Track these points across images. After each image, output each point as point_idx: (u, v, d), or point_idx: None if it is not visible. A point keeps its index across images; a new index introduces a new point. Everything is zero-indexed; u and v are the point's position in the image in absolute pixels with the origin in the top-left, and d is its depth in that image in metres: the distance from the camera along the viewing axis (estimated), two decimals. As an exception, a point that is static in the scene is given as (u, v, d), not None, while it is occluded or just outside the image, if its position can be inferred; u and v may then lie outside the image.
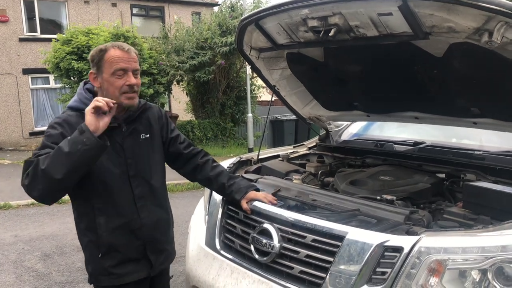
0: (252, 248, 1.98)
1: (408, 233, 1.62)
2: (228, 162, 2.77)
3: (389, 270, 1.56)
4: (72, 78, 10.64)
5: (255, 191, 2.11)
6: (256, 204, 2.06)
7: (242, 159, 2.81)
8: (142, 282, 1.90)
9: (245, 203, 2.06)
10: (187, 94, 13.02)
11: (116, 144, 1.78)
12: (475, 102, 2.25)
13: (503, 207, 1.78)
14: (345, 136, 3.37)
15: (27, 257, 4.35)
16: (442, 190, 2.33)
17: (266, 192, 2.14)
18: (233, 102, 12.80)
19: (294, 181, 2.50)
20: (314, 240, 1.77)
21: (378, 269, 1.59)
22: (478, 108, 2.26)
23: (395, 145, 2.91)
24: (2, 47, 13.17)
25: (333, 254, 1.70)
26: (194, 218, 2.64)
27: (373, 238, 1.62)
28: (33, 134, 13.77)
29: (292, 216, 1.90)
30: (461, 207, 1.98)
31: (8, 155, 11.76)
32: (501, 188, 1.89)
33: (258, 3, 11.19)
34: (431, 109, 2.50)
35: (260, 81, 12.00)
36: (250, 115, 11.00)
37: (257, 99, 13.75)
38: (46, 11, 14.11)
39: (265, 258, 1.91)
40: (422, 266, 1.51)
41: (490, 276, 1.45)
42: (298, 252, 1.81)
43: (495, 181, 2.16)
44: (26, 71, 13.54)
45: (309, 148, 3.28)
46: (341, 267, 1.66)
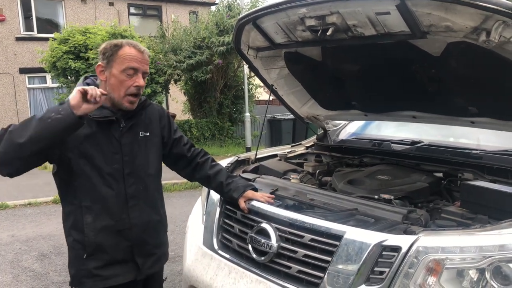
0: (250, 247, 1.97)
1: (406, 232, 1.62)
2: (226, 162, 2.76)
3: (387, 270, 1.56)
4: (69, 77, 10.61)
5: (253, 190, 2.10)
6: (254, 203, 2.05)
7: (240, 159, 2.81)
8: (128, 286, 1.82)
9: (243, 202, 2.06)
10: (184, 94, 13.00)
11: (113, 140, 1.74)
12: (473, 101, 2.25)
13: (500, 206, 1.78)
14: (343, 136, 3.37)
15: (24, 257, 4.33)
16: (440, 189, 2.33)
17: (264, 192, 2.14)
18: (230, 102, 12.80)
19: (292, 180, 2.49)
20: (312, 240, 1.77)
21: (376, 269, 1.59)
22: (475, 107, 2.27)
23: (393, 145, 2.91)
24: (-1, 46, 13.13)
25: (331, 253, 1.70)
26: (192, 218, 2.63)
27: (371, 237, 1.62)
28: (30, 133, 13.71)
29: (290, 216, 1.90)
30: (458, 207, 1.98)
31: (5, 155, 11.70)
32: (499, 187, 1.89)
33: (255, 2, 11.19)
34: (428, 108, 2.50)
35: (258, 81, 12.01)
36: (247, 114, 11.01)
37: (255, 99, 13.75)
38: (43, 10, 14.07)
39: (263, 258, 1.90)
40: (420, 265, 1.51)
41: (488, 275, 1.45)
42: (296, 252, 1.81)
43: (492, 180, 2.16)
44: (23, 71, 13.50)
45: (307, 148, 3.28)
46: (339, 266, 1.66)
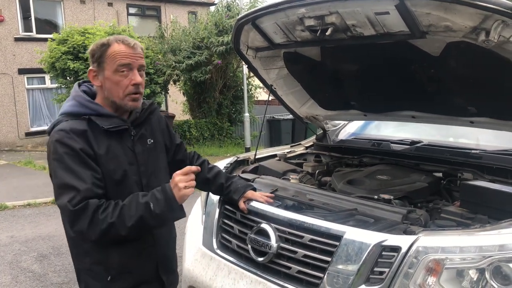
0: (250, 248, 1.97)
1: (406, 232, 1.62)
2: (225, 162, 2.76)
3: (387, 270, 1.56)
4: (68, 78, 10.59)
5: (252, 190, 2.10)
6: (253, 204, 2.05)
7: (239, 159, 2.81)
8: None
9: (242, 203, 2.05)
10: (183, 94, 13.00)
11: (127, 150, 1.60)
12: (472, 101, 2.25)
13: (500, 206, 1.78)
14: (342, 136, 3.37)
15: (23, 258, 4.32)
16: (440, 189, 2.33)
17: (263, 192, 2.13)
18: (230, 102, 12.80)
19: (291, 180, 2.49)
20: (312, 240, 1.77)
21: (376, 269, 1.59)
22: (475, 107, 2.27)
23: (392, 144, 2.91)
24: (-2, 47, 13.11)
25: (330, 254, 1.69)
26: (191, 218, 2.63)
27: (370, 237, 1.62)
28: (29, 134, 13.71)
29: (289, 216, 1.89)
30: (458, 206, 1.98)
31: (4, 156, 11.69)
32: (498, 187, 1.89)
33: (254, 2, 11.18)
34: (428, 108, 2.50)
35: (257, 81, 12.01)
36: (247, 114, 11.00)
37: (254, 99, 13.74)
38: (41, 11, 14.05)
39: (262, 258, 1.90)
40: (420, 265, 1.51)
41: (487, 275, 1.45)
42: (295, 252, 1.81)
43: (492, 180, 2.16)
44: (22, 71, 13.47)
45: (306, 148, 3.28)
46: (339, 266, 1.65)
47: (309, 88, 2.95)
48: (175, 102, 13.58)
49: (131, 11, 16.04)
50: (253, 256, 1.95)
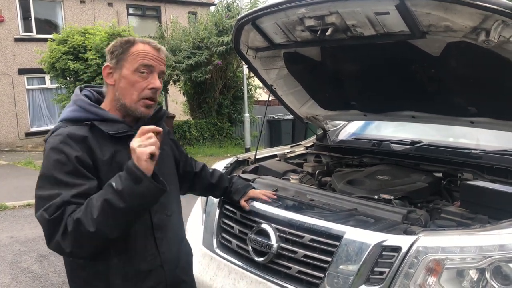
0: (250, 248, 1.97)
1: (406, 232, 1.62)
2: (225, 162, 2.76)
3: (387, 270, 1.56)
4: (68, 78, 10.59)
5: (252, 189, 2.10)
6: (254, 204, 2.05)
7: (239, 159, 2.81)
8: None
9: (243, 201, 2.05)
10: (183, 94, 12.99)
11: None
12: (472, 101, 2.25)
13: (500, 206, 1.78)
14: (342, 136, 3.37)
15: (23, 258, 4.32)
16: (440, 189, 2.33)
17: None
18: (230, 102, 12.80)
19: (292, 181, 2.49)
20: (312, 240, 1.77)
21: (376, 269, 1.59)
22: (475, 107, 2.27)
23: (392, 145, 2.91)
24: (-2, 47, 13.11)
25: (331, 254, 1.69)
26: (191, 218, 2.63)
27: (371, 237, 1.62)
28: (29, 134, 13.71)
29: (289, 216, 1.89)
30: (458, 206, 1.98)
31: (4, 156, 11.69)
32: (498, 187, 1.89)
33: (255, 2, 11.18)
34: (428, 108, 2.50)
35: (257, 82, 12.01)
36: (247, 114, 11.00)
37: (254, 99, 13.74)
38: (41, 11, 14.05)
39: (262, 259, 1.90)
40: (420, 265, 1.51)
41: (488, 275, 1.45)
42: (296, 252, 1.81)
43: (492, 180, 2.16)
44: (22, 71, 13.47)
45: (306, 148, 3.28)
46: (339, 267, 1.65)
47: (309, 88, 2.95)
48: (175, 103, 13.57)
49: (131, 11, 16.04)
50: (253, 256, 1.95)
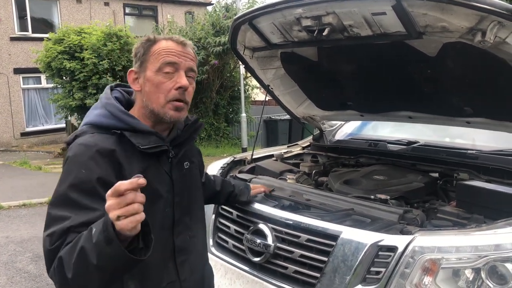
0: (246, 248, 1.97)
1: (402, 232, 1.62)
2: (221, 162, 2.75)
3: (383, 270, 1.56)
4: (64, 77, 10.55)
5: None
6: (250, 204, 2.05)
7: (236, 159, 2.80)
8: None
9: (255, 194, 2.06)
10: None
11: (164, 175, 1.29)
12: (469, 102, 2.26)
13: (496, 206, 1.79)
14: (339, 136, 3.38)
15: (18, 258, 4.30)
16: (436, 189, 2.34)
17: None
18: (226, 102, 12.79)
19: (288, 181, 2.49)
20: (309, 240, 1.77)
21: (372, 269, 1.59)
22: (471, 108, 2.27)
23: (389, 145, 2.91)
24: (-7, 46, 13.05)
25: (327, 253, 1.69)
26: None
27: (367, 237, 1.62)
28: (25, 134, 13.65)
29: (286, 216, 1.89)
30: (454, 206, 1.99)
31: (-1, 156, 11.64)
32: (494, 187, 1.90)
33: (252, 3, 11.19)
34: (424, 108, 2.51)
35: (254, 82, 11.98)
36: (244, 115, 10.99)
37: (251, 99, 13.74)
38: (37, 10, 13.99)
39: (259, 258, 1.90)
40: (416, 265, 1.51)
41: (483, 275, 1.45)
42: (292, 252, 1.81)
43: (488, 180, 2.17)
44: (17, 71, 13.41)
45: (303, 148, 3.28)
46: (336, 266, 1.66)
47: (306, 88, 2.96)
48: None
49: (128, 10, 16.01)
50: (250, 256, 1.94)
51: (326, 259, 1.69)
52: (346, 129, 3.45)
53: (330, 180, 2.45)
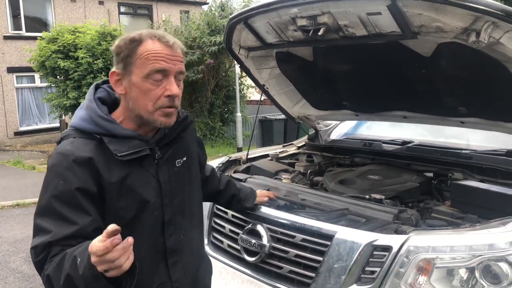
0: (241, 248, 1.96)
1: (397, 232, 1.62)
2: (217, 162, 2.75)
3: (378, 269, 1.56)
4: (58, 76, 10.49)
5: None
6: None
7: (231, 159, 2.80)
8: None
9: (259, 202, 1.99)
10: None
11: (149, 178, 1.24)
12: (463, 102, 2.27)
13: (490, 205, 1.80)
14: (334, 136, 3.38)
15: (12, 259, 4.27)
16: (430, 189, 2.35)
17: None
18: (222, 102, 12.77)
19: (283, 180, 2.49)
20: (304, 240, 1.77)
21: (367, 268, 1.59)
22: (465, 108, 2.29)
23: (384, 144, 2.92)
24: (-14, 45, 12.93)
25: (322, 253, 1.70)
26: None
27: (362, 237, 1.63)
28: (18, 133, 13.54)
29: (281, 216, 1.89)
30: (449, 206, 2.00)
31: (-7, 155, 11.54)
32: (488, 187, 1.91)
33: (248, 2, 11.18)
34: (419, 108, 2.52)
35: (249, 81, 11.98)
36: (239, 114, 10.98)
37: (246, 99, 13.73)
38: (31, 9, 13.88)
39: (254, 258, 1.89)
40: (410, 265, 1.52)
41: (477, 274, 1.46)
42: (287, 252, 1.81)
43: (482, 180, 2.18)
44: (11, 70, 13.30)
45: (298, 148, 3.28)
46: (331, 266, 1.66)
47: (301, 88, 2.96)
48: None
49: (123, 10, 15.92)
50: (245, 256, 1.94)
51: (321, 259, 1.69)
52: (341, 128, 3.46)
53: (325, 180, 2.45)
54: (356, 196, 2.09)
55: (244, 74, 11.10)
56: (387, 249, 1.56)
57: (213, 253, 2.14)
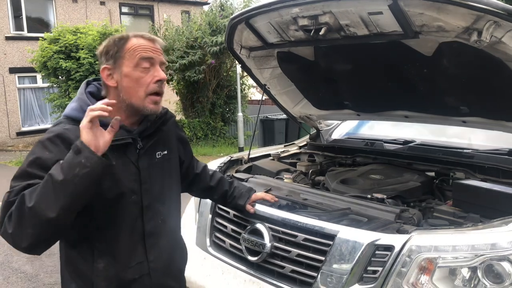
0: (243, 247, 1.97)
1: (399, 231, 1.62)
2: (218, 162, 2.75)
3: (380, 269, 1.56)
4: (60, 77, 10.51)
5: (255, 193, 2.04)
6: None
7: (232, 159, 2.80)
8: None
9: (250, 207, 1.97)
10: (176, 94, 12.94)
11: (130, 165, 1.38)
12: (464, 101, 2.27)
13: (492, 204, 1.79)
14: (335, 135, 3.38)
15: (14, 259, 4.28)
16: (432, 188, 2.34)
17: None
18: (223, 102, 12.77)
19: (285, 180, 2.49)
20: (306, 239, 1.77)
21: (369, 268, 1.59)
22: (467, 107, 2.28)
23: (385, 144, 2.92)
24: (-12, 46, 12.96)
25: (324, 253, 1.70)
26: (185, 218, 2.62)
27: (364, 237, 1.63)
28: (20, 134, 13.57)
29: (283, 216, 1.89)
30: (450, 205, 2.00)
31: (-5, 156, 11.57)
32: (490, 186, 1.91)
33: (248, 2, 11.17)
34: (420, 108, 2.52)
35: (250, 81, 12.00)
36: (240, 114, 10.99)
37: (248, 99, 13.74)
38: (33, 10, 13.90)
39: (256, 258, 1.90)
40: (413, 264, 1.52)
41: (480, 273, 1.46)
42: (289, 252, 1.81)
43: (483, 179, 2.18)
44: (13, 70, 13.33)
45: (300, 147, 3.28)
46: (333, 266, 1.66)
47: (303, 87, 2.96)
48: (168, 102, 13.47)
49: (124, 10, 15.94)
50: (247, 255, 1.94)
51: (323, 258, 1.69)
52: (342, 128, 3.46)
53: (327, 180, 2.45)
54: (358, 195, 2.09)
55: (245, 74, 11.11)
56: (389, 248, 1.57)
57: (215, 253, 2.15)
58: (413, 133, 2.99)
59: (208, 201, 2.28)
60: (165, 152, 1.51)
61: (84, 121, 1.18)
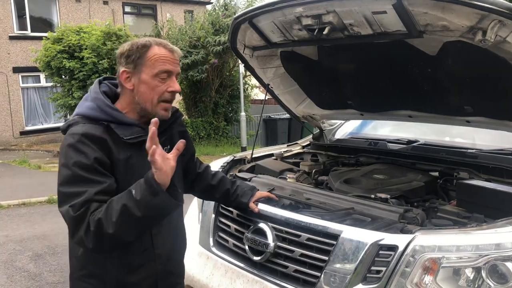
0: (247, 247, 1.97)
1: (403, 231, 1.62)
2: (221, 161, 2.75)
3: (383, 269, 1.56)
4: (63, 76, 10.54)
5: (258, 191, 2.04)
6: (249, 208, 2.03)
7: (235, 158, 2.80)
8: None
9: (253, 205, 1.97)
10: (179, 93, 12.95)
11: (146, 160, 1.40)
12: (469, 101, 2.26)
13: (496, 205, 1.78)
14: (339, 135, 3.38)
15: (18, 258, 4.30)
16: (436, 188, 2.34)
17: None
18: (226, 101, 12.78)
19: (288, 180, 2.49)
20: (309, 239, 1.77)
21: (373, 268, 1.59)
22: (471, 107, 2.27)
23: (389, 144, 2.91)
24: (-8, 45, 13.01)
25: (327, 253, 1.69)
26: (188, 217, 2.62)
27: (367, 236, 1.62)
28: (24, 133, 13.63)
29: (286, 215, 1.89)
30: (454, 205, 1.99)
31: (-1, 155, 11.62)
32: (494, 186, 1.90)
33: (251, 1, 11.17)
34: (424, 107, 2.51)
35: (253, 81, 11.99)
36: (243, 114, 10.99)
37: (251, 98, 13.74)
38: (36, 9, 13.95)
39: (259, 257, 1.90)
40: (416, 264, 1.51)
41: (484, 274, 1.45)
42: (292, 251, 1.81)
43: (488, 179, 2.17)
44: (17, 70, 13.39)
45: (303, 147, 3.28)
46: (336, 266, 1.66)
47: (306, 87, 2.95)
48: (171, 101, 13.54)
49: (127, 9, 15.97)
50: (250, 255, 1.94)
51: (326, 258, 1.69)
52: (346, 128, 3.45)
53: (330, 179, 2.44)
54: (361, 195, 2.08)
55: (248, 74, 11.11)
56: (393, 248, 1.56)
57: (219, 252, 2.15)
58: (417, 133, 2.98)
59: (211, 200, 2.28)
60: (168, 147, 1.57)
61: (168, 176, 1.28)
